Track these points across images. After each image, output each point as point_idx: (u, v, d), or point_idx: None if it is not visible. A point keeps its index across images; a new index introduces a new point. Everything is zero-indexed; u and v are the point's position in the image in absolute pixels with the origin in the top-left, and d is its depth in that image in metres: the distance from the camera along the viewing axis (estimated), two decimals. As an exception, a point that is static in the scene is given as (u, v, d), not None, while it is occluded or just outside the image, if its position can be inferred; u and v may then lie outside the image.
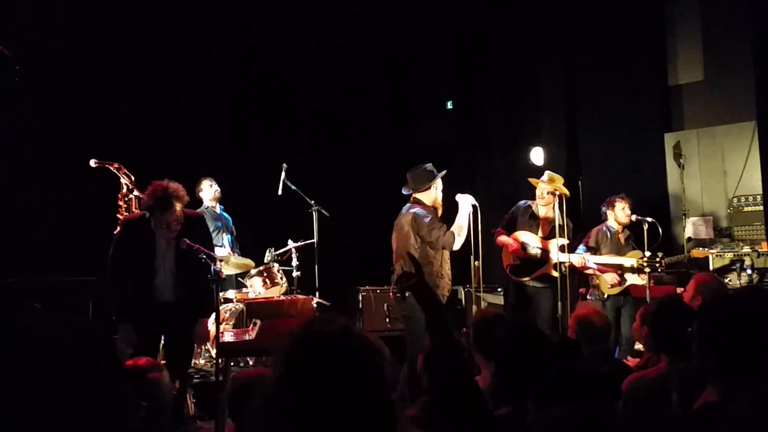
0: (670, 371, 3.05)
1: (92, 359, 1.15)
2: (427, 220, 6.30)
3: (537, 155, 8.99)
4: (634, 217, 7.72)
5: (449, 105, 10.83)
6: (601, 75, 9.41)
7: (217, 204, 7.83)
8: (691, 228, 8.32)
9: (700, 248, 7.62)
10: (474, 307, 7.46)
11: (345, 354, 1.46)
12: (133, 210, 5.47)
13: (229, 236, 7.73)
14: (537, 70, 10.13)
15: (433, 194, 6.50)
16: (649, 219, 7.67)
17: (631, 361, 4.75)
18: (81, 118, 7.59)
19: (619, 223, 7.57)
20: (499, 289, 8.74)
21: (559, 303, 7.40)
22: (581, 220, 8.36)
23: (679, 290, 6.80)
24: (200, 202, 7.82)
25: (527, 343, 3.10)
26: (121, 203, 5.56)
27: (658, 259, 7.13)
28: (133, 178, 5.65)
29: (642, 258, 7.16)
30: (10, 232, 6.38)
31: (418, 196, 6.38)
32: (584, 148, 9.62)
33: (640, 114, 9.19)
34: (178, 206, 4.73)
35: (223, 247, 7.38)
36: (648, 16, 9.06)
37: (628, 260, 7.26)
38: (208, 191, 7.77)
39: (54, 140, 7.24)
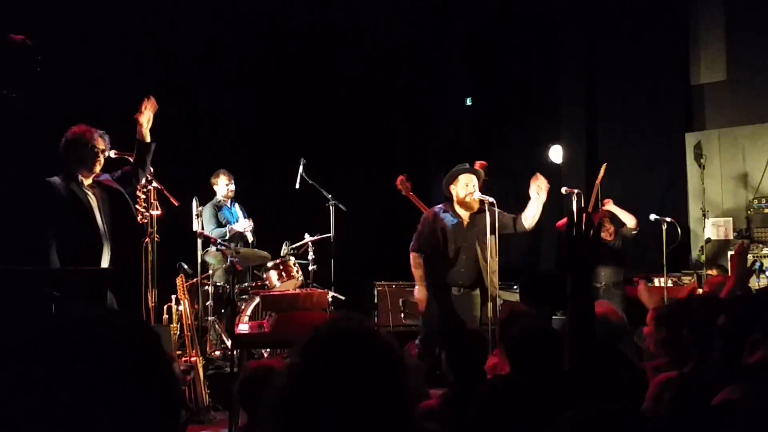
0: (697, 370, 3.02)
1: (152, 357, 1.14)
2: (419, 227, 6.48)
3: (556, 153, 8.95)
4: (652, 217, 7.66)
5: (468, 102, 10.80)
6: (622, 73, 9.35)
7: (230, 201, 7.86)
8: (710, 229, 8.25)
9: (715, 270, 7.51)
10: (489, 305, 7.42)
11: (364, 353, 1.44)
12: (152, 200, 5.49)
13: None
14: (557, 67, 10.07)
15: (454, 192, 6.50)
16: (668, 219, 7.63)
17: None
18: (102, 109, 7.62)
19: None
20: (515, 287, 8.71)
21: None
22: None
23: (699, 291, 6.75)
24: (212, 192, 7.84)
25: (540, 343, 3.08)
26: (139, 194, 5.57)
27: None
28: (152, 169, 5.67)
29: None
30: (27, 223, 6.43)
31: (448, 194, 6.44)
32: (604, 147, 9.56)
33: (661, 113, 9.12)
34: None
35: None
36: (671, 15, 8.98)
37: None
38: (222, 188, 7.81)
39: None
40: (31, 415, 1.02)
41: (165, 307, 6.31)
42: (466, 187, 6.42)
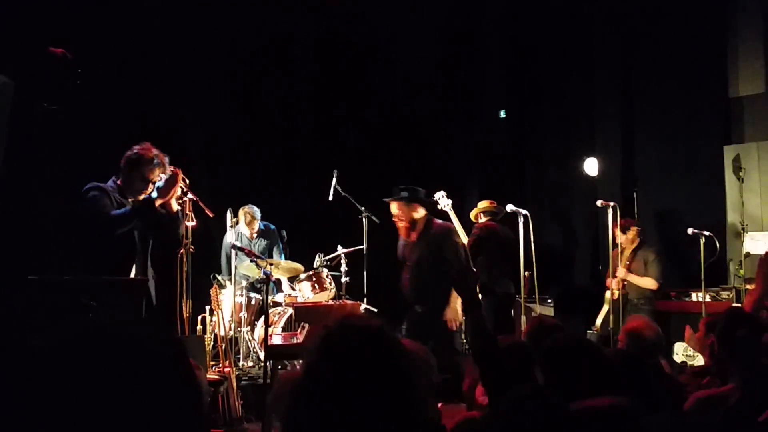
0: (741, 388, 2.95)
1: (176, 367, 1.15)
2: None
3: (591, 166, 8.88)
4: (690, 231, 7.55)
5: (502, 114, 10.76)
6: (659, 85, 9.25)
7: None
8: (749, 243, 8.09)
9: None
10: (523, 318, 7.37)
11: (374, 346, 1.47)
12: (187, 212, 5.53)
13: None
14: (593, 78, 10.00)
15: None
16: (706, 233, 7.51)
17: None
18: (138, 122, 7.74)
19: None
20: (549, 300, 8.63)
21: (611, 316, 7.30)
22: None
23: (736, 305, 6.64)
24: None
25: (576, 357, 3.04)
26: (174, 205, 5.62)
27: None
28: (187, 181, 5.73)
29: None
30: (66, 233, 6.52)
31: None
32: (640, 160, 9.46)
33: (699, 125, 9.00)
34: None
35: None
36: (709, 26, 8.88)
37: None
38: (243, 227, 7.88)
39: (113, 144, 7.39)
40: (55, 420, 1.03)
41: (199, 317, 6.35)
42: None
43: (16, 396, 1.06)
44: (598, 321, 7.75)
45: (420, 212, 6.28)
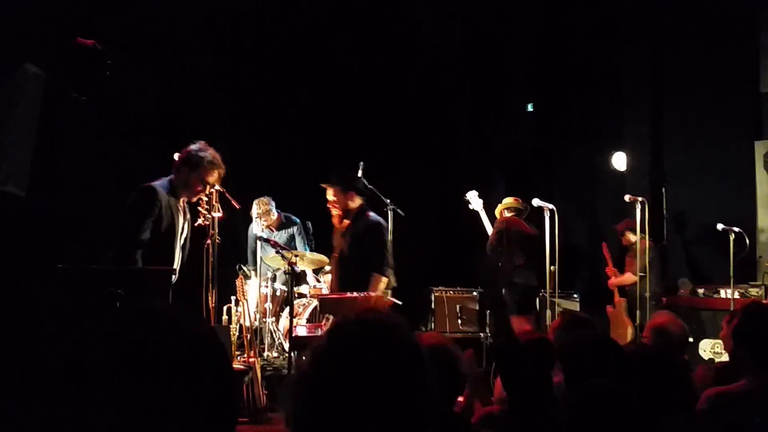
0: (757, 387, 2.92)
1: (218, 356, 1.15)
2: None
3: (619, 161, 8.80)
4: (719, 227, 7.48)
5: (530, 107, 10.69)
6: (689, 79, 9.14)
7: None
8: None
9: None
10: (548, 312, 7.35)
11: (384, 343, 1.45)
12: (214, 203, 5.57)
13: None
14: (622, 72, 9.91)
15: None
16: (735, 229, 7.43)
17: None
18: (166, 112, 7.80)
19: None
20: (575, 295, 8.59)
21: (638, 312, 7.25)
22: (664, 230, 8.15)
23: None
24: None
25: (596, 353, 3.02)
26: (203, 197, 5.67)
27: None
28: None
29: None
30: (94, 222, 6.61)
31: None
32: (669, 155, 9.36)
33: (729, 120, 8.88)
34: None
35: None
36: (740, 20, 8.75)
37: None
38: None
39: (140, 133, 7.47)
40: (89, 410, 1.03)
41: (224, 308, 6.40)
42: None
43: (56, 386, 1.07)
44: None
45: (355, 201, 6.10)
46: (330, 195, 5.95)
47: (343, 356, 1.43)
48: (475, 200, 7.94)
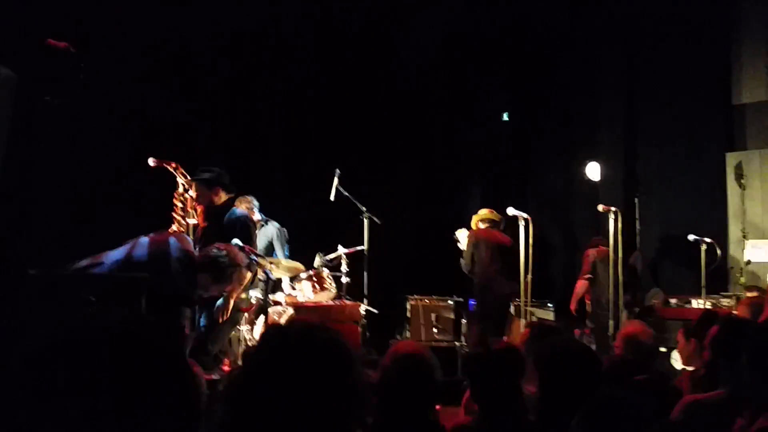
0: (732, 395, 2.94)
1: (172, 360, 1.14)
2: None
3: (593, 171, 8.86)
4: (691, 237, 7.55)
5: (505, 117, 10.76)
6: (662, 90, 9.25)
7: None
8: (750, 250, 8.08)
9: (756, 292, 7.37)
10: (522, 321, 7.37)
11: (312, 349, 1.48)
12: (188, 209, 5.53)
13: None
14: (596, 83, 10.00)
15: None
16: (707, 240, 7.50)
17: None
18: (140, 117, 7.74)
19: None
20: (549, 304, 8.63)
21: (611, 322, 7.29)
22: (637, 240, 8.21)
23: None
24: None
25: (572, 362, 3.03)
26: (176, 202, 5.62)
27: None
28: (189, 177, 5.72)
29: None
30: (66, 228, 6.53)
31: None
32: (642, 165, 9.46)
33: (701, 132, 9.00)
34: None
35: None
36: (713, 34, 8.88)
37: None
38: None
39: (115, 137, 7.39)
40: (52, 418, 1.02)
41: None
42: None
43: (16, 393, 1.06)
44: None
45: (221, 197, 5.97)
46: (192, 191, 5.74)
47: (269, 360, 1.46)
48: (463, 238, 8.03)
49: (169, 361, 1.13)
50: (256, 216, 7.72)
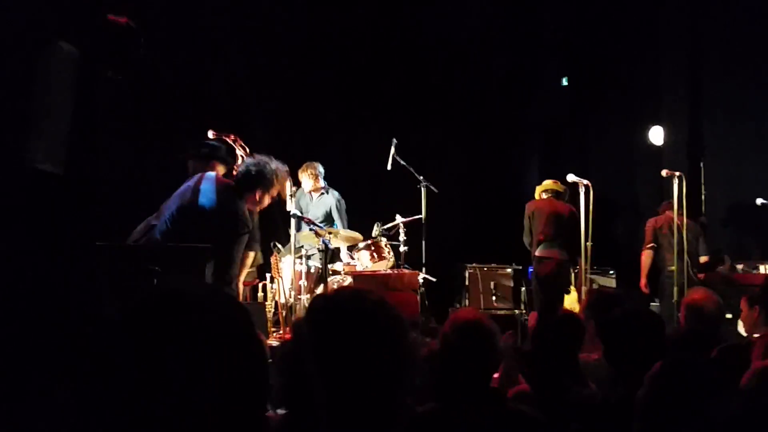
0: None
1: (245, 335, 1.16)
2: None
3: (656, 135, 8.67)
4: (759, 201, 7.33)
5: (564, 81, 10.54)
6: (728, 51, 8.94)
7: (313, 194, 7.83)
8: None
9: None
10: (584, 288, 7.28)
11: (361, 319, 1.48)
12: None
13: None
14: (658, 44, 9.72)
15: None
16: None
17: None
18: (200, 90, 7.83)
19: None
20: (612, 272, 8.51)
21: (675, 289, 7.15)
22: (702, 205, 8.02)
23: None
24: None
25: (640, 328, 2.99)
26: (236, 173, 5.68)
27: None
28: (247, 149, 5.78)
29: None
30: (130, 200, 6.68)
31: None
32: (708, 129, 9.19)
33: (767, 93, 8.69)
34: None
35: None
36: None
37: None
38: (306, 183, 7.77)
39: (175, 112, 7.50)
40: (127, 386, 1.05)
41: (260, 285, 6.44)
42: None
43: (93, 365, 1.08)
44: None
45: (219, 171, 5.80)
46: (190, 167, 5.72)
47: (317, 328, 1.46)
48: None
49: (242, 328, 1.14)
50: (321, 183, 7.77)
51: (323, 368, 1.41)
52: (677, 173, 7.06)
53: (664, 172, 7.23)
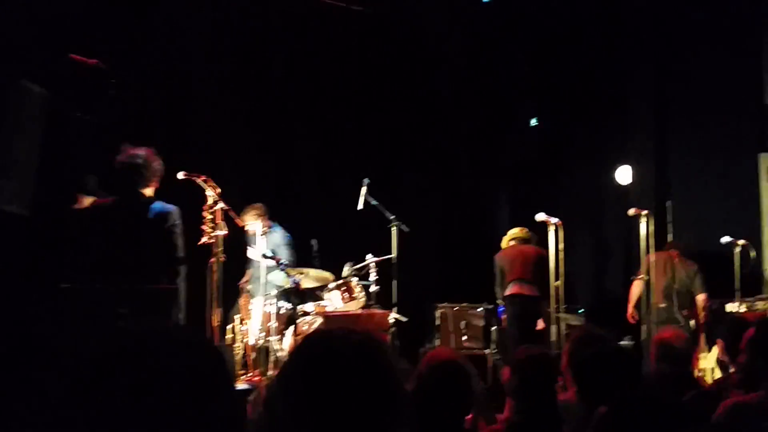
0: None
1: (222, 376, 1.13)
2: None
3: (624, 174, 8.78)
4: (724, 239, 7.45)
5: (534, 122, 10.69)
6: (693, 93, 9.15)
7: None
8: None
9: None
10: (553, 328, 7.30)
11: (348, 359, 1.42)
12: (218, 221, 5.56)
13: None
14: (626, 85, 9.92)
15: None
16: (741, 241, 7.40)
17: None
18: (171, 131, 7.80)
19: None
20: (580, 310, 8.55)
21: (643, 327, 7.21)
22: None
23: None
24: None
25: (612, 367, 3.00)
26: (206, 215, 5.65)
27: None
28: (218, 190, 5.75)
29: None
30: (99, 242, 6.59)
31: None
32: (674, 168, 9.35)
33: (733, 132, 8.88)
34: None
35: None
36: (743, 32, 8.77)
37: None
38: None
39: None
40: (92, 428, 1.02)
41: (229, 326, 6.37)
42: None
43: (56, 404, 1.06)
44: None
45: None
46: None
47: (307, 371, 1.41)
48: None
49: (217, 370, 1.12)
50: (267, 221, 7.67)
51: (314, 409, 1.37)
52: (644, 212, 7.17)
53: (631, 211, 7.34)
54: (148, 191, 5.13)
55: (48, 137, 4.63)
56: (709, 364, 6.75)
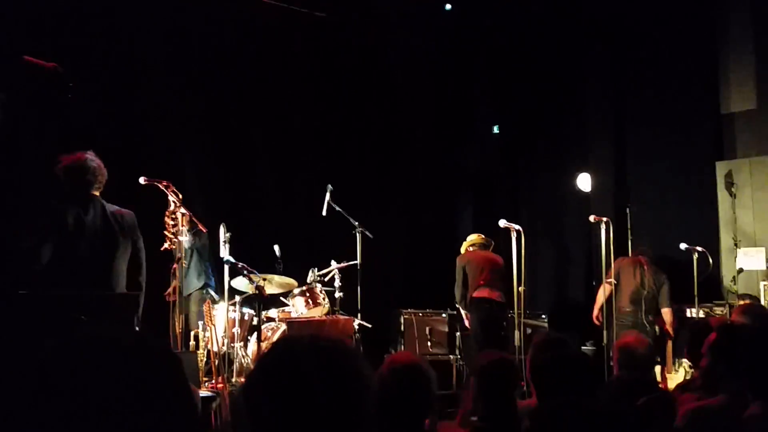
0: (733, 400, 2.95)
1: (175, 378, 1.13)
2: None
3: (584, 181, 8.89)
4: (683, 246, 7.58)
5: (495, 129, 10.79)
6: (651, 100, 9.31)
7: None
8: (742, 258, 8.10)
9: (747, 300, 7.32)
10: (517, 333, 7.36)
11: (314, 364, 1.41)
12: (180, 227, 5.51)
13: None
14: (585, 94, 10.05)
15: None
16: (698, 248, 7.53)
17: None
18: (132, 136, 7.72)
19: None
20: (543, 316, 8.63)
21: (605, 332, 7.30)
22: (629, 250, 8.22)
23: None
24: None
25: (570, 371, 3.02)
26: (168, 220, 5.61)
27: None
28: (180, 196, 5.71)
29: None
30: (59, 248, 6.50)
31: None
32: (633, 175, 9.49)
33: (691, 141, 9.04)
34: None
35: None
36: (701, 43, 8.94)
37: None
38: None
39: (105, 157, 7.37)
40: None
41: (192, 333, 6.31)
42: None
43: (14, 408, 1.05)
44: None
45: None
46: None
47: (271, 380, 1.40)
48: None
49: (169, 375, 1.11)
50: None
51: (291, 412, 1.36)
52: (604, 219, 7.27)
53: (591, 218, 7.44)
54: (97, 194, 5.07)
55: (3, 142, 4.56)
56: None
